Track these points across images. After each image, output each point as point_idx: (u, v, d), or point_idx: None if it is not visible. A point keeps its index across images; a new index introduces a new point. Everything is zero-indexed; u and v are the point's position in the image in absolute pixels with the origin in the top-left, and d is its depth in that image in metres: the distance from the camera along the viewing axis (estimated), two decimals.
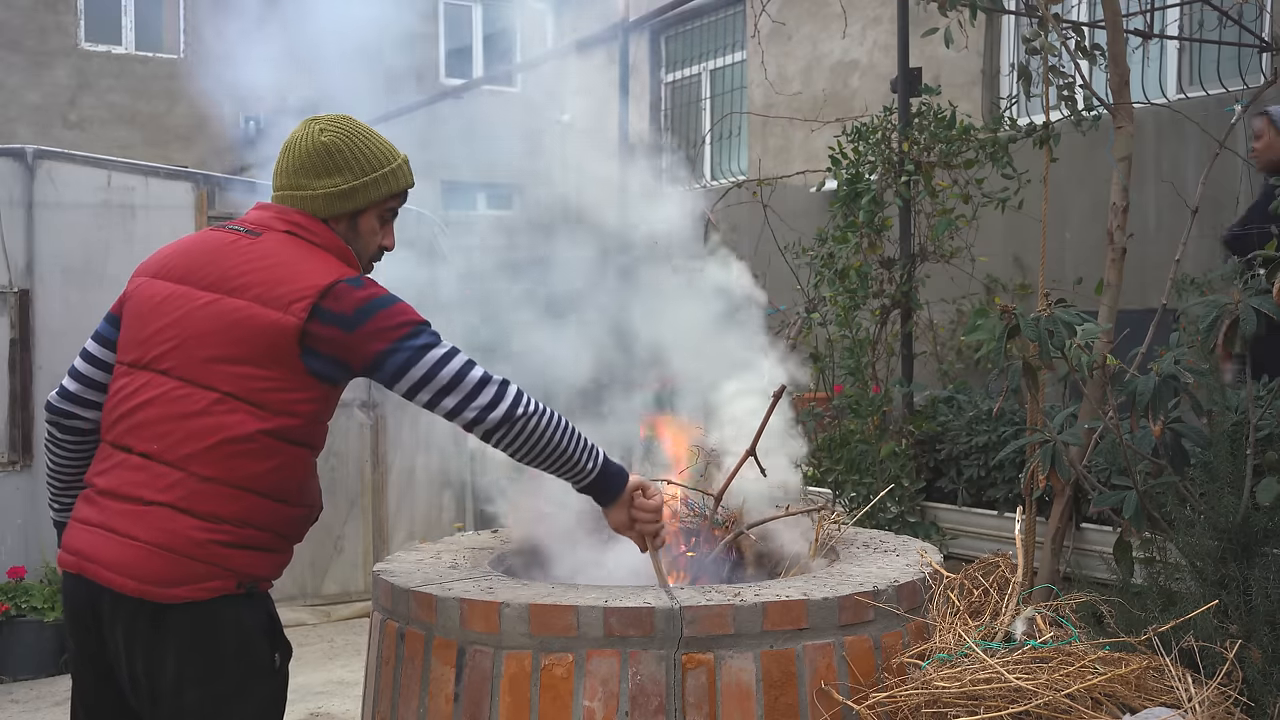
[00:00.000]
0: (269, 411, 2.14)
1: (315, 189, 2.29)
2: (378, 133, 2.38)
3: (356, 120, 2.37)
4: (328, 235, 2.28)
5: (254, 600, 2.19)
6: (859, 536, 3.35)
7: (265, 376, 2.13)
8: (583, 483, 2.38)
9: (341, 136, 2.30)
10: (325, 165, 2.28)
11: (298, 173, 2.29)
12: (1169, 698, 2.48)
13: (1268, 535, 2.92)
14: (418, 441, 6.63)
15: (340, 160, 2.29)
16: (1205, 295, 4.39)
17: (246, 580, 2.15)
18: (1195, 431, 3.13)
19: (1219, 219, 5.65)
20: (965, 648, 2.59)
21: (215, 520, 2.11)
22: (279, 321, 2.12)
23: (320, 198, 2.29)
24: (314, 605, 6.25)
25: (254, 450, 2.13)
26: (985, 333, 3.18)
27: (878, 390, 5.17)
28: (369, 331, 2.15)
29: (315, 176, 2.29)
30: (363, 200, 2.31)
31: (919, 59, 5.40)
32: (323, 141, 2.29)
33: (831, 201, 5.48)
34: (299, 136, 2.32)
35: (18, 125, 13.73)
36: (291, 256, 2.20)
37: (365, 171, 2.31)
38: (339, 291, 2.15)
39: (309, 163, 2.29)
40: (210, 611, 2.11)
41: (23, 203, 5.62)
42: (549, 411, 2.26)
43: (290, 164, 2.31)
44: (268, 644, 2.22)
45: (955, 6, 4.10)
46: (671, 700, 2.46)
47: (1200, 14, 5.89)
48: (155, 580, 2.08)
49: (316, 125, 2.32)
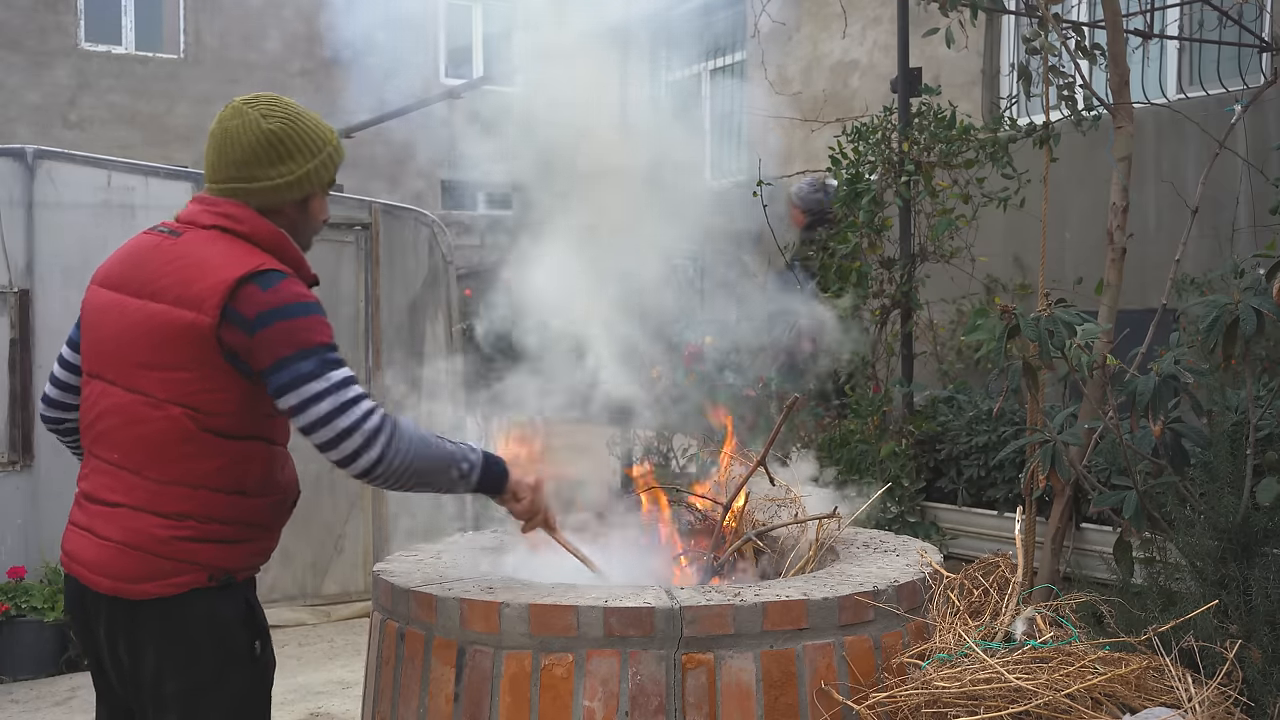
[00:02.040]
0: (203, 412, 2.15)
1: (271, 178, 2.23)
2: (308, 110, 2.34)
3: (288, 99, 2.31)
4: (257, 223, 2.23)
5: (228, 591, 2.22)
6: (859, 536, 3.35)
7: (192, 379, 2.14)
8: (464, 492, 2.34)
9: (286, 122, 2.24)
10: (276, 153, 2.23)
11: (246, 164, 2.22)
12: (1169, 698, 2.48)
13: (1268, 535, 2.92)
14: None
15: (291, 146, 2.24)
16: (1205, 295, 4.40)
17: (217, 573, 2.19)
18: (1195, 431, 3.13)
19: (1219, 219, 5.65)
20: (965, 648, 2.59)
21: (179, 517, 2.15)
22: (195, 322, 2.12)
23: (277, 187, 2.24)
24: (314, 605, 6.25)
25: (199, 450, 2.16)
26: (985, 333, 3.18)
27: (878, 390, 5.17)
28: (260, 341, 2.13)
29: (268, 165, 2.23)
30: (316, 183, 2.29)
31: (919, 59, 5.40)
32: (269, 129, 2.22)
33: (832, 201, 5.48)
34: (238, 126, 2.23)
35: (18, 125, 13.73)
36: (207, 254, 2.17)
37: (314, 154, 2.27)
38: (246, 293, 2.12)
39: (258, 153, 2.22)
40: (181, 605, 2.16)
41: (23, 203, 5.62)
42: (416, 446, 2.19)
43: (235, 155, 2.22)
44: (245, 633, 2.26)
45: (956, 6, 4.10)
46: (671, 700, 2.46)
47: (1200, 14, 5.88)
48: (126, 578, 2.15)
49: (255, 111, 2.24)
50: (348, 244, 6.41)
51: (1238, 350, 2.96)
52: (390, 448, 2.13)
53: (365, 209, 6.54)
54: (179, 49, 15.10)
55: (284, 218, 2.28)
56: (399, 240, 6.58)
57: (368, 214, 6.49)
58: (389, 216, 6.59)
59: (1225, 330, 2.94)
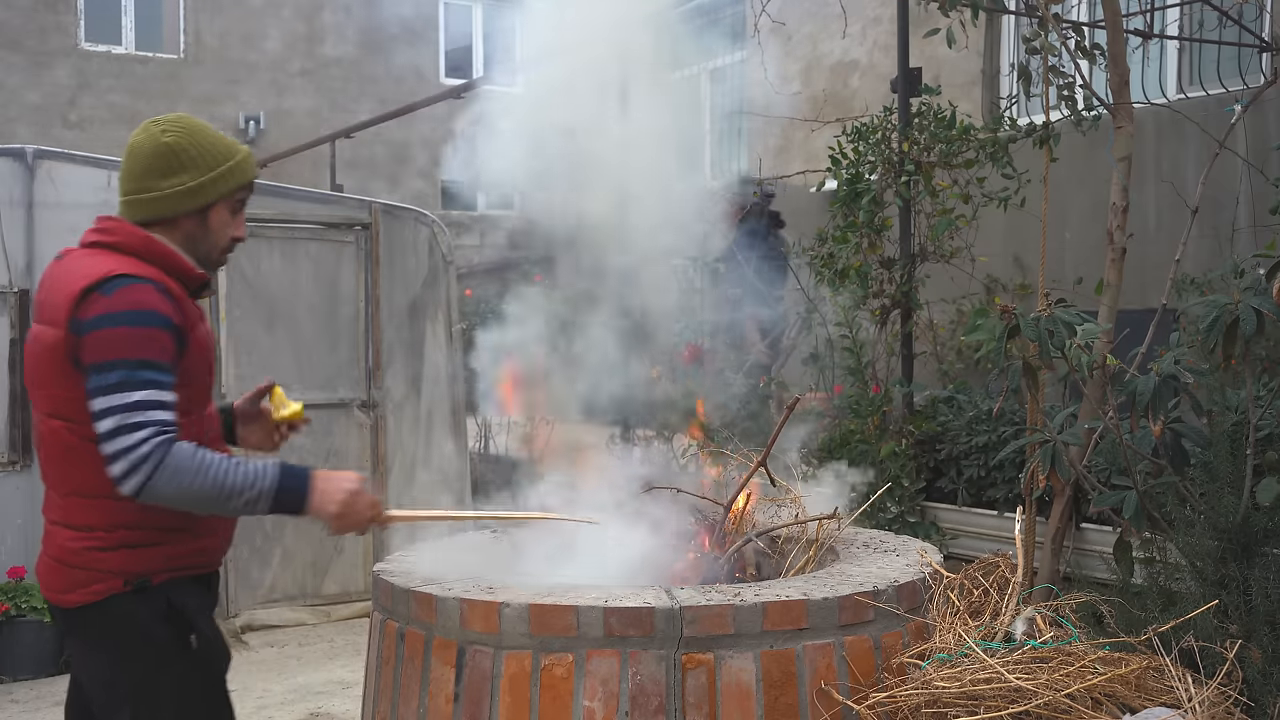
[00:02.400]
0: (76, 422, 2.24)
1: (163, 189, 2.35)
2: (216, 130, 2.47)
3: (195, 119, 2.45)
4: (125, 232, 2.33)
5: (147, 594, 2.29)
6: (859, 536, 3.35)
7: (61, 391, 2.25)
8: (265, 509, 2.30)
9: (183, 136, 2.37)
10: (171, 165, 2.35)
11: (144, 175, 2.36)
12: (1169, 698, 2.48)
13: (1268, 535, 2.92)
14: (418, 441, 6.63)
15: (186, 159, 2.36)
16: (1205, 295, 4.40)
17: (133, 578, 2.27)
18: (1195, 431, 3.13)
19: (1219, 219, 5.65)
20: (965, 648, 2.59)
21: (86, 529, 2.27)
22: (54, 336, 2.24)
23: (170, 196, 2.36)
24: (314, 605, 6.24)
25: (83, 461, 2.25)
26: (985, 333, 3.18)
27: (878, 390, 5.17)
28: (85, 342, 2.20)
29: (162, 177, 2.35)
30: (211, 195, 2.39)
31: (919, 59, 5.40)
32: (166, 142, 2.35)
33: (831, 201, 5.48)
34: (142, 140, 2.38)
35: (18, 125, 13.73)
36: (72, 269, 2.28)
37: (210, 167, 2.38)
38: (89, 300, 2.20)
39: (155, 164, 2.35)
40: (103, 612, 2.27)
41: (23, 203, 5.62)
42: (189, 478, 2.18)
43: (136, 167, 2.37)
44: (171, 630, 2.31)
45: (956, 6, 4.10)
46: (671, 700, 2.46)
47: (1200, 14, 5.89)
48: (58, 589, 2.31)
49: (158, 127, 2.38)
50: (348, 244, 6.41)
51: (1238, 350, 2.95)
52: (155, 478, 2.15)
53: (365, 209, 6.54)
54: (179, 49, 15.10)
55: (180, 229, 2.38)
56: (399, 240, 6.58)
57: (368, 214, 6.49)
58: (389, 216, 6.59)
59: (1225, 330, 2.94)
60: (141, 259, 2.30)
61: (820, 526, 3.27)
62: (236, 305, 6.02)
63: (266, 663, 5.48)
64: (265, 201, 6.29)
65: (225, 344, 5.99)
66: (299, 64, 15.69)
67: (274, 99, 15.48)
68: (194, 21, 15.08)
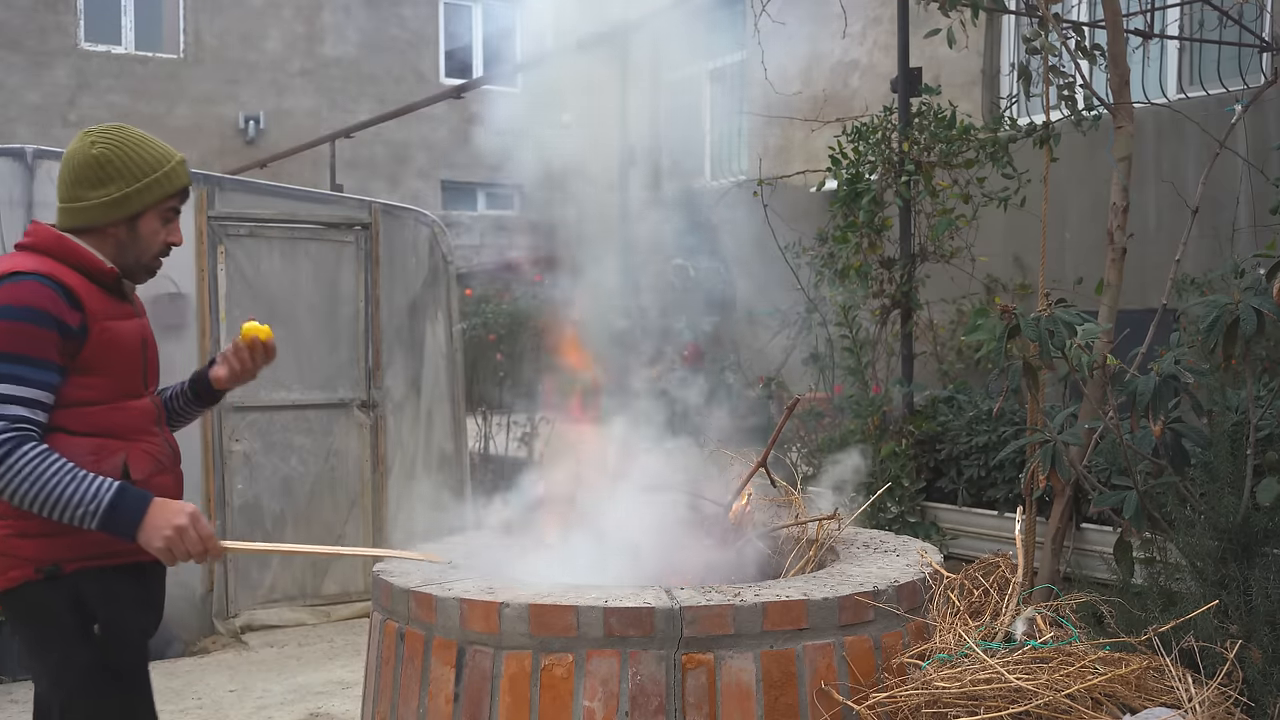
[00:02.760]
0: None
1: (91, 199, 2.44)
2: (151, 138, 2.53)
3: (130, 129, 2.52)
4: (42, 234, 2.43)
5: (57, 582, 2.39)
6: (859, 536, 3.35)
7: None
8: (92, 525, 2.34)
9: (112, 147, 2.45)
10: (98, 176, 2.44)
11: (74, 185, 2.45)
12: (1169, 698, 2.48)
13: (1268, 535, 2.92)
14: (418, 441, 6.63)
15: (112, 170, 2.44)
16: (1205, 295, 4.40)
17: (44, 565, 2.37)
18: (1195, 431, 3.13)
19: (1219, 219, 5.65)
20: (965, 648, 2.59)
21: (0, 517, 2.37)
22: None
23: (96, 207, 2.45)
24: (314, 605, 6.24)
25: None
26: (985, 333, 3.18)
27: (878, 390, 5.17)
28: None
29: (90, 187, 2.44)
30: (138, 204, 2.47)
31: (919, 59, 5.40)
32: (93, 154, 2.44)
33: (831, 201, 5.47)
34: (74, 150, 2.47)
35: (18, 125, 13.73)
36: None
37: (137, 178, 2.46)
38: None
39: (83, 175, 2.44)
40: (18, 597, 2.41)
41: (23, 203, 5.61)
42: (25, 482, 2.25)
43: (68, 176, 2.46)
44: (74, 618, 2.40)
45: (956, 6, 4.10)
46: (671, 700, 2.46)
47: (1200, 14, 5.89)
48: None
49: (89, 138, 2.47)
50: (348, 244, 6.41)
51: (1238, 350, 2.95)
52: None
53: (365, 209, 6.54)
54: (179, 49, 15.10)
55: (110, 237, 2.48)
56: (399, 240, 6.58)
57: (368, 214, 6.49)
58: (389, 216, 6.59)
59: (1225, 330, 2.93)
60: (53, 258, 2.39)
61: (820, 527, 3.27)
62: (236, 305, 6.02)
63: (266, 663, 5.48)
64: (265, 201, 6.30)
65: (225, 344, 5.98)
66: (299, 64, 15.69)
67: (274, 99, 15.48)
68: (194, 21, 15.08)
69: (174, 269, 5.80)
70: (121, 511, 2.33)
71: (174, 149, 2.57)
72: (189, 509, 2.40)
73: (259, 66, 15.42)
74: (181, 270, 5.84)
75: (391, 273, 6.52)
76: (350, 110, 15.40)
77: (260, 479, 6.12)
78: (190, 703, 4.88)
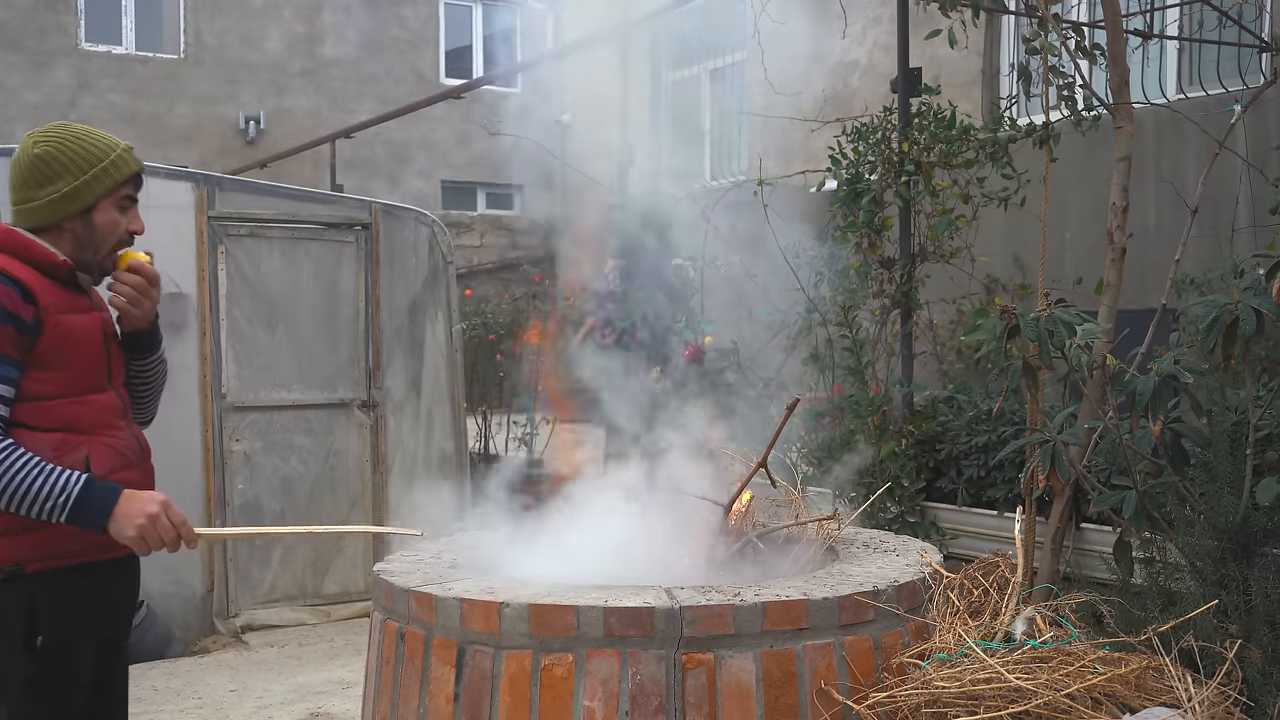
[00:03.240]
0: None
1: (40, 197, 2.46)
2: (94, 131, 2.54)
3: (71, 125, 2.54)
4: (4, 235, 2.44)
5: (12, 584, 2.35)
6: (859, 536, 3.35)
7: None
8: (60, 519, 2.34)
9: (53, 145, 2.47)
10: (44, 175, 2.46)
11: (22, 186, 2.47)
12: (1169, 698, 2.48)
13: (1267, 535, 2.92)
14: (418, 441, 6.63)
15: (57, 167, 2.46)
16: (1205, 295, 4.40)
17: (6, 565, 2.34)
18: (1195, 431, 3.13)
19: (1219, 219, 5.65)
20: (965, 648, 2.59)
21: None
22: None
23: (46, 205, 2.47)
24: (314, 605, 6.25)
25: None
26: (985, 333, 3.18)
27: (878, 390, 5.17)
28: None
29: (38, 187, 2.46)
30: (89, 197, 2.48)
31: (919, 59, 5.40)
32: (36, 154, 2.47)
33: (831, 201, 5.48)
34: (17, 154, 2.50)
35: (18, 125, 13.73)
36: None
37: (84, 170, 2.47)
38: None
39: (29, 175, 2.47)
40: None
41: None
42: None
43: (15, 179, 2.48)
44: (22, 625, 2.36)
45: (956, 7, 4.10)
46: (671, 700, 2.46)
47: (1200, 14, 5.89)
48: None
49: (31, 139, 2.50)
50: (348, 244, 6.41)
51: (1237, 350, 2.95)
52: None
53: (365, 209, 6.54)
54: (179, 49, 15.10)
55: (68, 232, 2.49)
56: (399, 240, 6.59)
57: (368, 214, 6.50)
58: (389, 216, 6.59)
59: (1225, 330, 2.94)
60: (4, 252, 2.40)
61: (820, 527, 3.27)
62: (236, 305, 6.03)
63: (266, 663, 5.48)
64: (265, 201, 6.30)
65: (225, 344, 6.00)
66: (299, 64, 15.70)
67: (274, 99, 15.48)
68: (194, 22, 15.08)
69: (174, 269, 5.82)
70: (90, 503, 2.33)
71: (118, 138, 2.58)
72: (159, 497, 2.40)
73: (259, 67, 15.42)
74: (182, 270, 5.85)
75: (391, 273, 6.52)
76: (350, 110, 15.40)
77: (260, 479, 6.13)
78: (190, 702, 4.89)
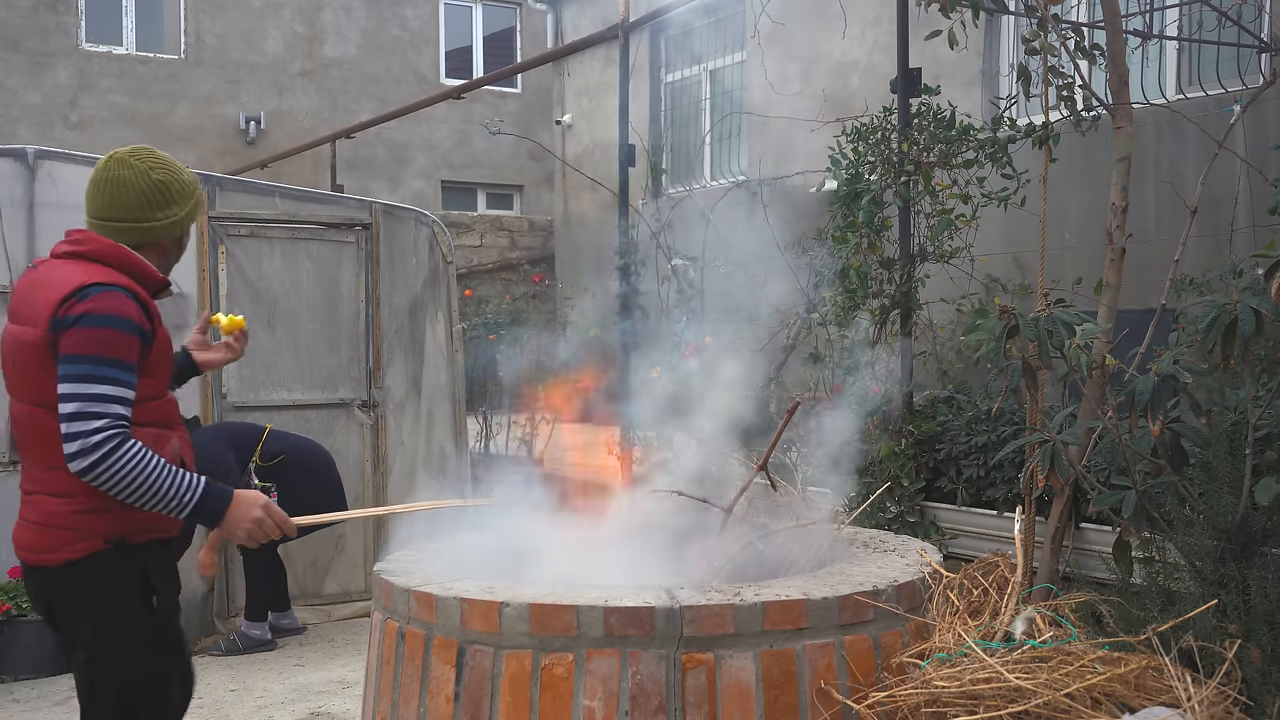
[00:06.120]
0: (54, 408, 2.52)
1: (159, 219, 2.72)
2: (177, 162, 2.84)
3: (165, 155, 2.81)
4: (96, 243, 2.65)
5: (124, 553, 2.62)
6: (859, 536, 3.35)
7: (41, 381, 2.56)
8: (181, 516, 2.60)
9: (168, 173, 2.74)
10: (165, 198, 2.72)
11: (140, 208, 2.69)
12: (1168, 697, 2.48)
13: (1267, 535, 2.93)
14: (418, 441, 6.63)
15: (174, 194, 2.73)
16: (1204, 295, 4.40)
17: (112, 537, 2.59)
18: (1194, 431, 3.14)
19: (1218, 219, 5.65)
20: (965, 647, 2.59)
21: (69, 496, 2.58)
22: (35, 335, 2.56)
23: (163, 226, 2.73)
24: (314, 605, 6.25)
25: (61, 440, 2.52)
26: (985, 333, 3.18)
27: (878, 390, 5.17)
28: (64, 337, 2.52)
29: (156, 209, 2.71)
30: (189, 222, 2.81)
31: (919, 59, 5.40)
32: (157, 179, 2.71)
33: (831, 201, 5.48)
34: (130, 175, 2.69)
35: (18, 125, 13.73)
36: (50, 277, 2.60)
37: (189, 198, 2.78)
38: (68, 305, 2.52)
39: (150, 198, 2.70)
40: (86, 568, 2.59)
41: (23, 203, 5.62)
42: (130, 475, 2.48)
43: (130, 200, 2.69)
44: (140, 589, 2.64)
45: (956, 7, 4.10)
46: (671, 700, 2.46)
47: (1199, 14, 5.89)
48: (43, 550, 2.61)
49: (144, 164, 2.71)
50: (348, 244, 6.42)
51: (1237, 350, 2.96)
52: (100, 466, 2.46)
53: (365, 209, 6.54)
54: (179, 49, 15.10)
55: (160, 249, 2.77)
56: (399, 240, 6.59)
57: (368, 214, 6.50)
58: (389, 216, 6.59)
59: (1224, 330, 2.94)
60: (113, 268, 2.62)
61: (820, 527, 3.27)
62: (237, 305, 6.02)
63: (266, 662, 5.48)
64: (266, 201, 6.31)
65: None
66: (299, 64, 15.69)
67: (274, 99, 15.48)
68: (194, 22, 15.08)
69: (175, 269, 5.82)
70: (207, 505, 2.60)
71: None
72: (261, 500, 2.69)
73: (259, 67, 15.42)
74: (182, 270, 5.82)
75: (392, 273, 6.53)
76: (351, 111, 15.40)
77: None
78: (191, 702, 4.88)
